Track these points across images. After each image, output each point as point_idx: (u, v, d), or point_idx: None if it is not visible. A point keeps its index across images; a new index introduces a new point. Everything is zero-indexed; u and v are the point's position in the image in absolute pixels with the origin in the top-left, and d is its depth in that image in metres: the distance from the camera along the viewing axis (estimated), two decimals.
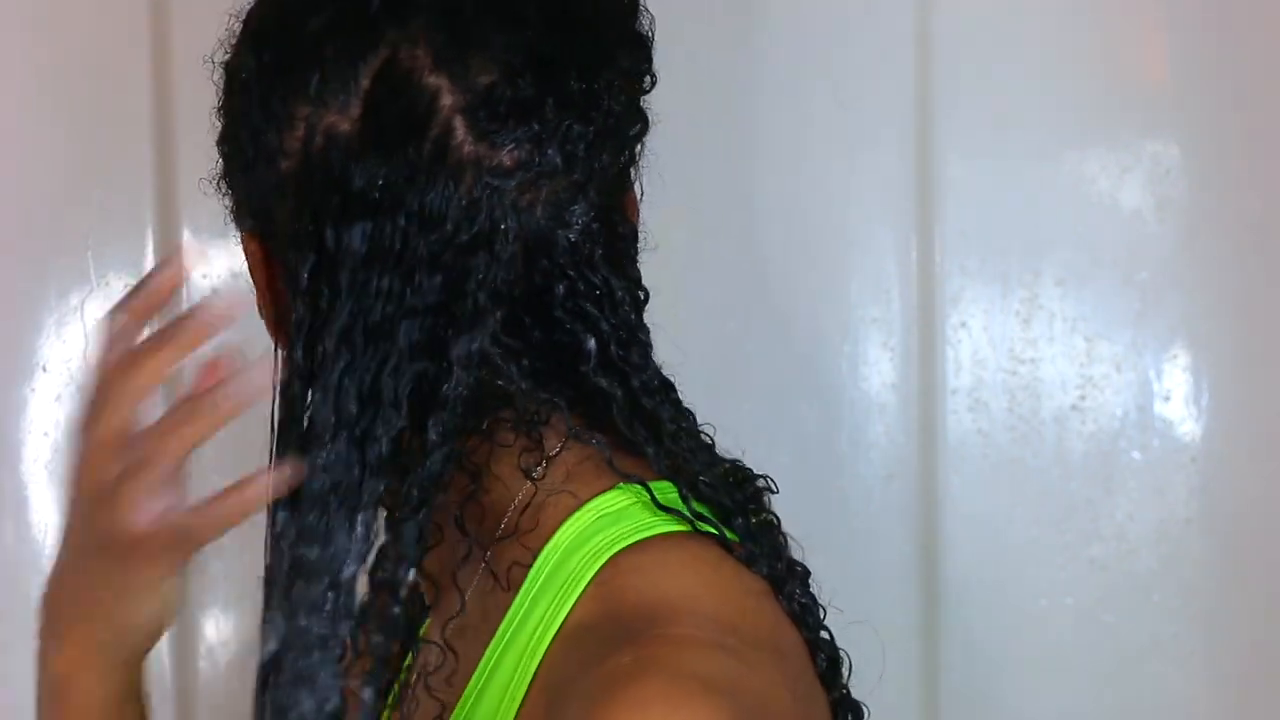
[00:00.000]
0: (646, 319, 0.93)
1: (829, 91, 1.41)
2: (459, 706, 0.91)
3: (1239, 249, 1.41)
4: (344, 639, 0.86)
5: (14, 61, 1.44)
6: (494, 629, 0.91)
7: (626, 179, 0.93)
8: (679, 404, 0.93)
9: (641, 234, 0.95)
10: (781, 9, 1.41)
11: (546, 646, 0.88)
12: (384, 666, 0.87)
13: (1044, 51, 1.41)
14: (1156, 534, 1.41)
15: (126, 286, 1.44)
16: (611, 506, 0.91)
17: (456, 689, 0.91)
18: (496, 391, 0.89)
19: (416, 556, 0.88)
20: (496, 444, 0.91)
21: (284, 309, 0.90)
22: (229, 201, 0.94)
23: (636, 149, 0.93)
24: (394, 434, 0.86)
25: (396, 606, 0.87)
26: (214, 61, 0.94)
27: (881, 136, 1.41)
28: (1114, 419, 1.41)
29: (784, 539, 0.96)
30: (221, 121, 0.93)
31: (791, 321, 1.43)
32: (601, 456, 0.91)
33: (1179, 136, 1.40)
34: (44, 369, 1.45)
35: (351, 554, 0.86)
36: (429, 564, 0.93)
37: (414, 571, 0.88)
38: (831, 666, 0.94)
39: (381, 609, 0.87)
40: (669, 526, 0.90)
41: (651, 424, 0.91)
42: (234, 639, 1.47)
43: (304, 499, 0.86)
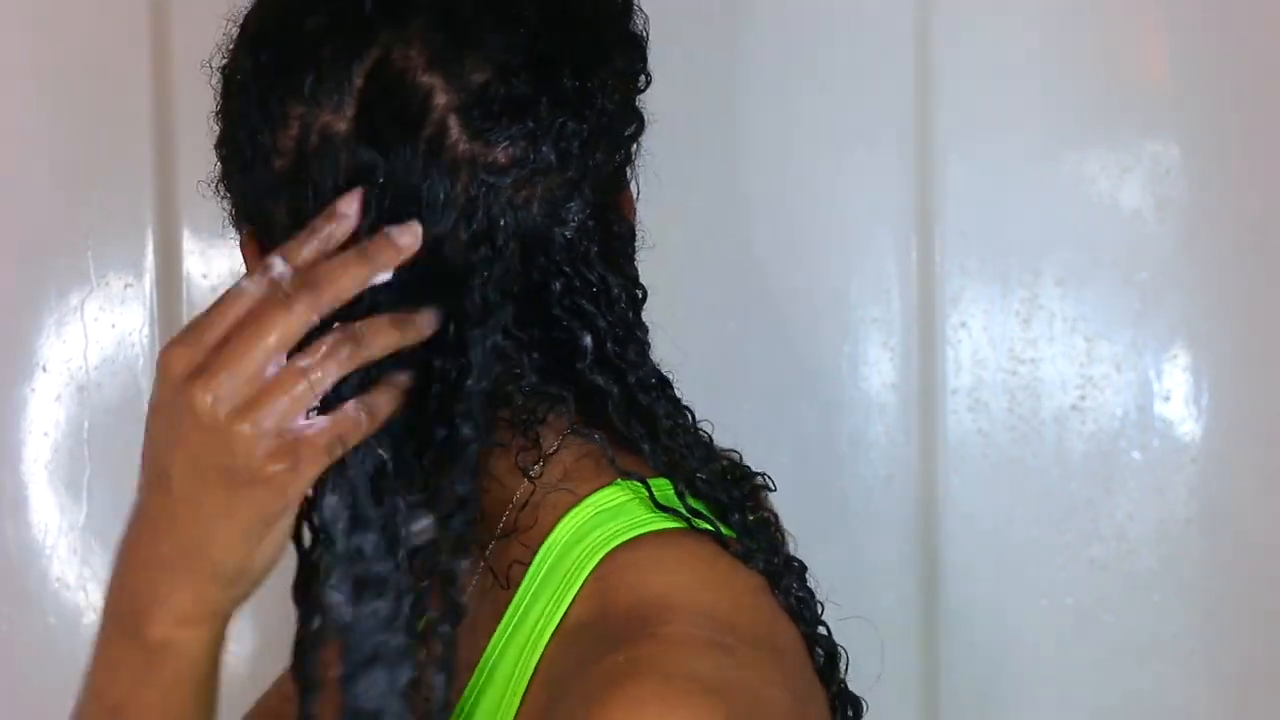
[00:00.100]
0: (646, 318, 0.94)
1: (829, 91, 1.41)
2: (460, 703, 0.91)
3: (1239, 249, 1.41)
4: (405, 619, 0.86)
5: (14, 61, 1.44)
6: (494, 626, 0.91)
7: (623, 178, 0.93)
8: (676, 400, 0.93)
9: (639, 233, 0.95)
10: (781, 9, 1.41)
11: (546, 643, 0.88)
12: (452, 653, 0.87)
13: (1044, 51, 1.41)
14: (1156, 534, 1.41)
15: (126, 286, 1.45)
16: (609, 502, 0.91)
17: (463, 682, 0.91)
18: (505, 386, 0.89)
19: (466, 548, 0.88)
20: (494, 443, 0.91)
21: None
22: (227, 204, 0.94)
23: (633, 148, 0.93)
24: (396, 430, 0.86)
25: (459, 596, 0.87)
26: (211, 66, 0.93)
27: (881, 136, 1.41)
28: (1114, 419, 1.41)
29: (781, 535, 0.96)
30: (219, 125, 0.93)
31: (791, 321, 1.43)
32: (600, 453, 0.91)
33: (1179, 136, 1.40)
34: (44, 369, 1.45)
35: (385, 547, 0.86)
36: None
37: (466, 562, 0.88)
38: (829, 661, 0.94)
39: (444, 598, 0.87)
40: (666, 523, 0.90)
41: (648, 420, 0.92)
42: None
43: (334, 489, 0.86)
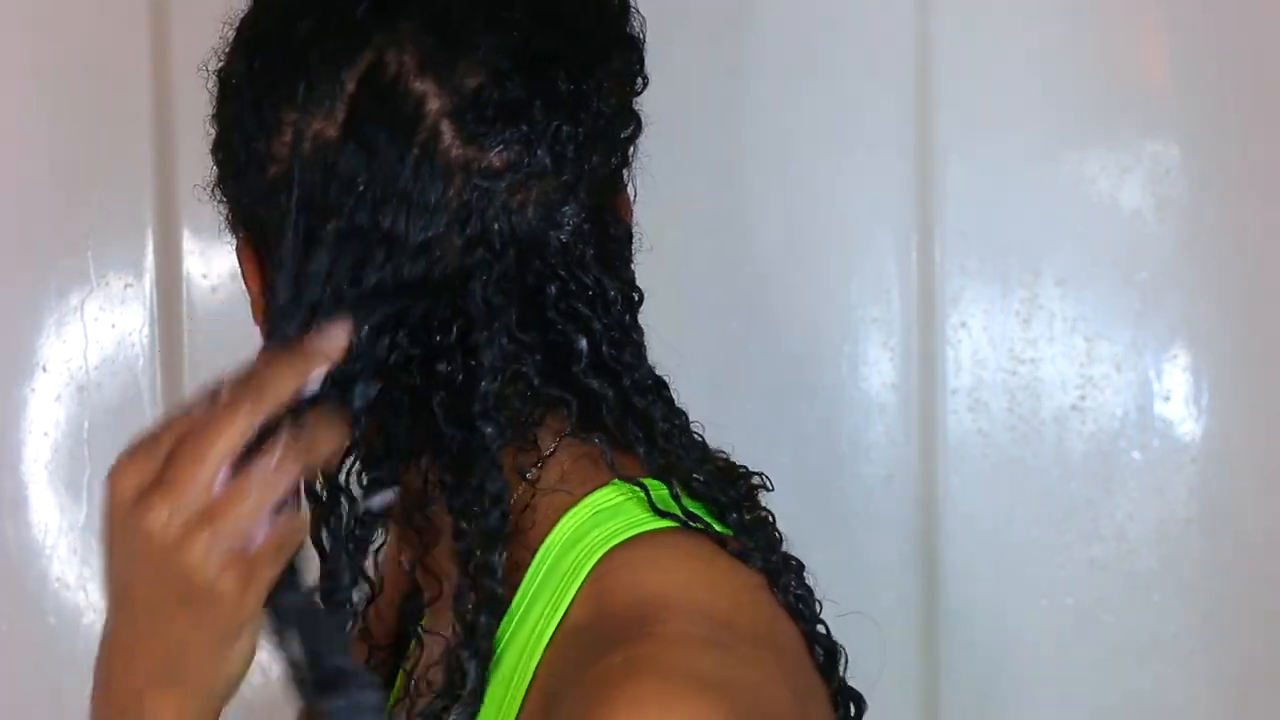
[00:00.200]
0: (645, 319, 0.93)
1: (829, 91, 1.41)
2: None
3: (1239, 249, 1.41)
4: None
5: (14, 61, 1.44)
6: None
7: (619, 180, 0.93)
8: (671, 402, 0.93)
9: (637, 235, 0.94)
10: (781, 9, 1.41)
11: (545, 645, 0.88)
12: (489, 642, 0.88)
13: (1044, 51, 1.41)
14: (1156, 534, 1.41)
15: (126, 286, 1.45)
16: (606, 503, 0.91)
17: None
18: (515, 385, 0.89)
19: (504, 544, 0.88)
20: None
21: None
22: (223, 209, 0.93)
23: (629, 150, 0.93)
24: (363, 414, 0.86)
25: (500, 588, 0.88)
26: (208, 70, 0.93)
27: (881, 137, 1.41)
28: (1114, 419, 1.41)
29: (779, 534, 0.96)
30: (215, 129, 0.92)
31: (791, 321, 1.43)
32: (597, 455, 0.91)
33: (1179, 136, 1.40)
34: (44, 369, 1.45)
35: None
36: (430, 562, 0.93)
37: (505, 555, 0.88)
38: (829, 658, 0.94)
39: (483, 589, 0.88)
40: (664, 522, 0.90)
41: (644, 423, 0.91)
42: None
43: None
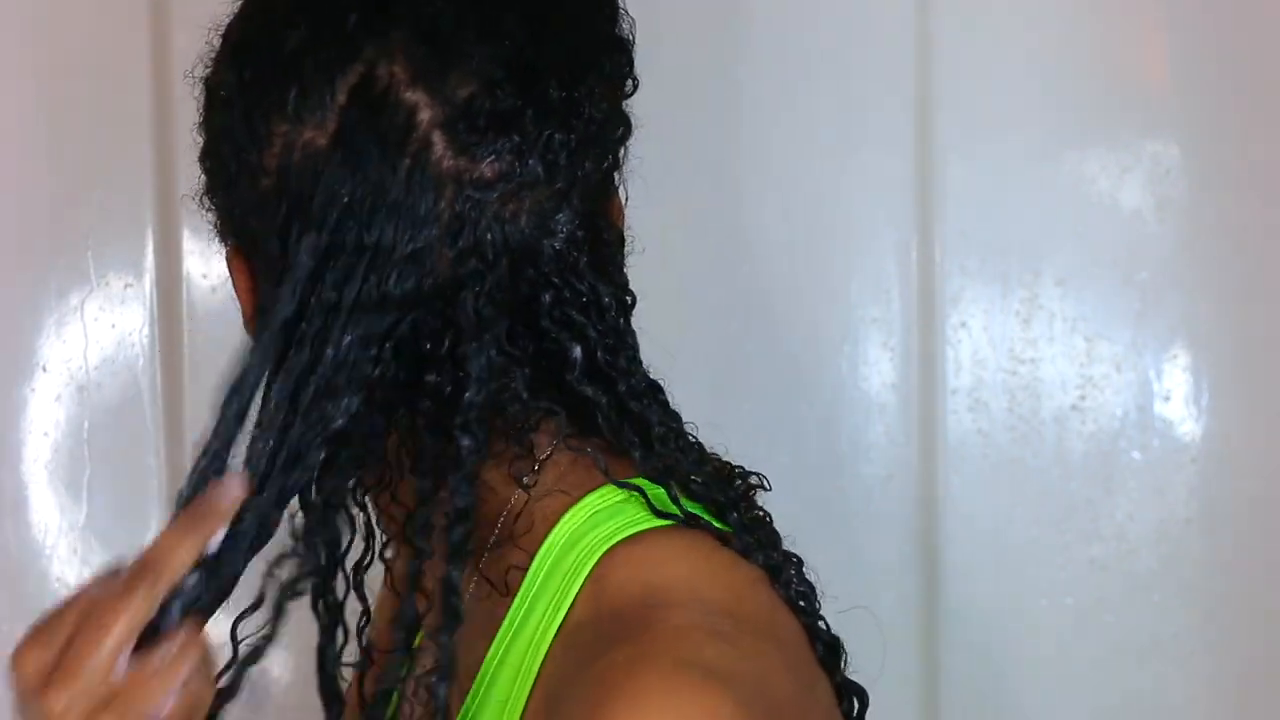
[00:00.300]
0: (645, 320, 0.93)
1: (829, 92, 1.41)
2: (462, 711, 0.91)
3: (1239, 249, 1.41)
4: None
5: (14, 61, 1.44)
6: (493, 634, 0.90)
7: (610, 184, 0.93)
8: (666, 406, 0.93)
9: (629, 237, 0.94)
10: (782, 9, 1.41)
11: (548, 646, 0.87)
12: (452, 661, 0.87)
13: (1044, 52, 1.41)
14: (1156, 534, 1.41)
15: (126, 286, 1.45)
16: (605, 503, 0.91)
17: (460, 693, 0.91)
18: (500, 399, 0.89)
19: (465, 556, 0.88)
20: (491, 454, 0.90)
21: None
22: (212, 217, 0.93)
23: (620, 153, 0.92)
24: (347, 431, 0.86)
25: (459, 603, 0.87)
26: (195, 77, 0.93)
27: (881, 136, 1.41)
28: (1114, 419, 1.41)
29: (777, 533, 0.96)
30: (203, 137, 0.92)
31: (791, 321, 1.43)
32: (592, 460, 0.91)
33: (1179, 136, 1.40)
34: (44, 369, 1.45)
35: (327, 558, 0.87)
36: (422, 579, 0.92)
37: (462, 572, 0.88)
38: (831, 652, 0.94)
39: (445, 606, 0.87)
40: (663, 520, 0.90)
41: (640, 428, 0.91)
42: None
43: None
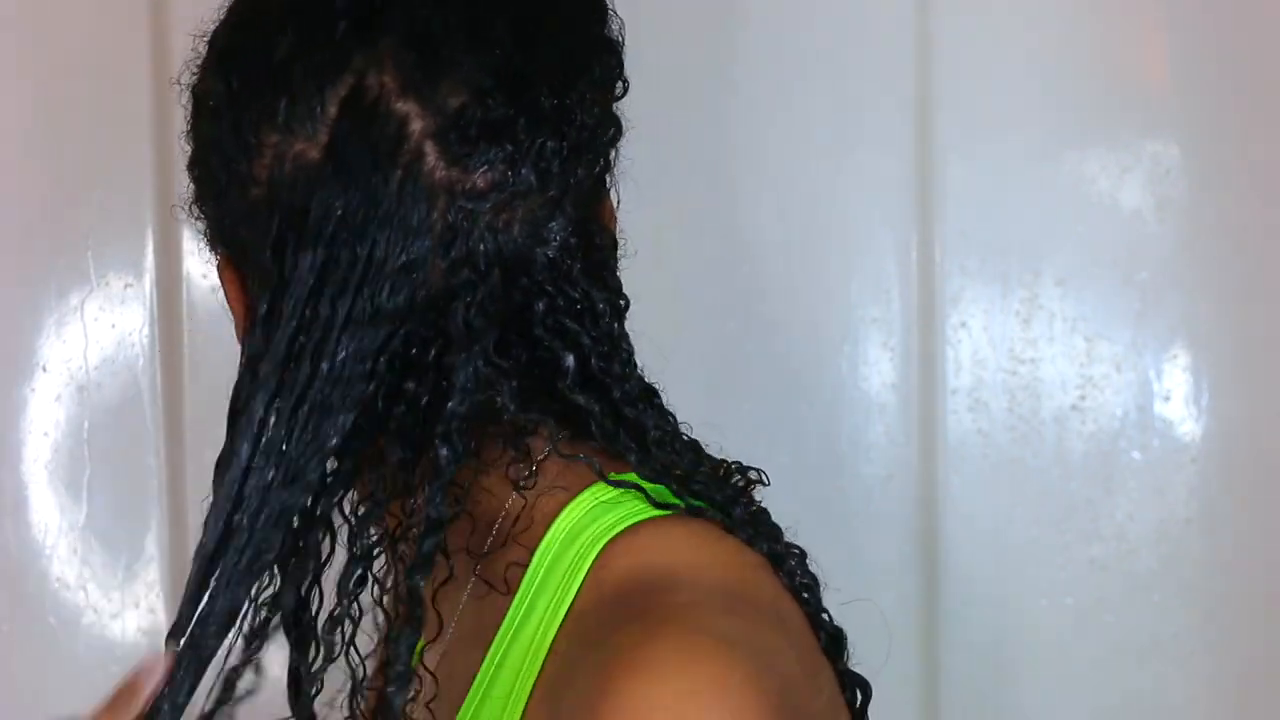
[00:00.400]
0: (645, 321, 0.93)
1: (829, 91, 1.41)
2: (463, 708, 0.90)
3: (1239, 249, 1.41)
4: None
5: (14, 61, 1.44)
6: (491, 635, 0.90)
7: (602, 188, 0.92)
8: (662, 409, 0.93)
9: (622, 240, 0.94)
10: (781, 9, 1.41)
11: (551, 641, 0.87)
12: (406, 667, 0.87)
13: (1044, 51, 1.41)
14: (1156, 534, 1.41)
15: (126, 286, 1.45)
16: (604, 497, 0.90)
17: (453, 704, 0.91)
18: (484, 409, 0.88)
19: (429, 567, 0.87)
20: (483, 460, 0.90)
21: None
22: (201, 225, 0.93)
23: (611, 156, 0.92)
24: (348, 450, 0.86)
25: (420, 610, 0.87)
26: (183, 85, 0.93)
27: (881, 136, 1.41)
28: (1114, 419, 1.41)
29: (778, 527, 0.95)
30: (191, 145, 0.92)
31: (791, 321, 1.43)
32: (588, 465, 0.91)
33: (1179, 136, 1.40)
34: (44, 369, 1.45)
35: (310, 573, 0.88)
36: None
37: (427, 581, 0.87)
38: (834, 643, 0.94)
39: (410, 615, 0.87)
40: (664, 511, 0.90)
41: (636, 432, 0.91)
42: None
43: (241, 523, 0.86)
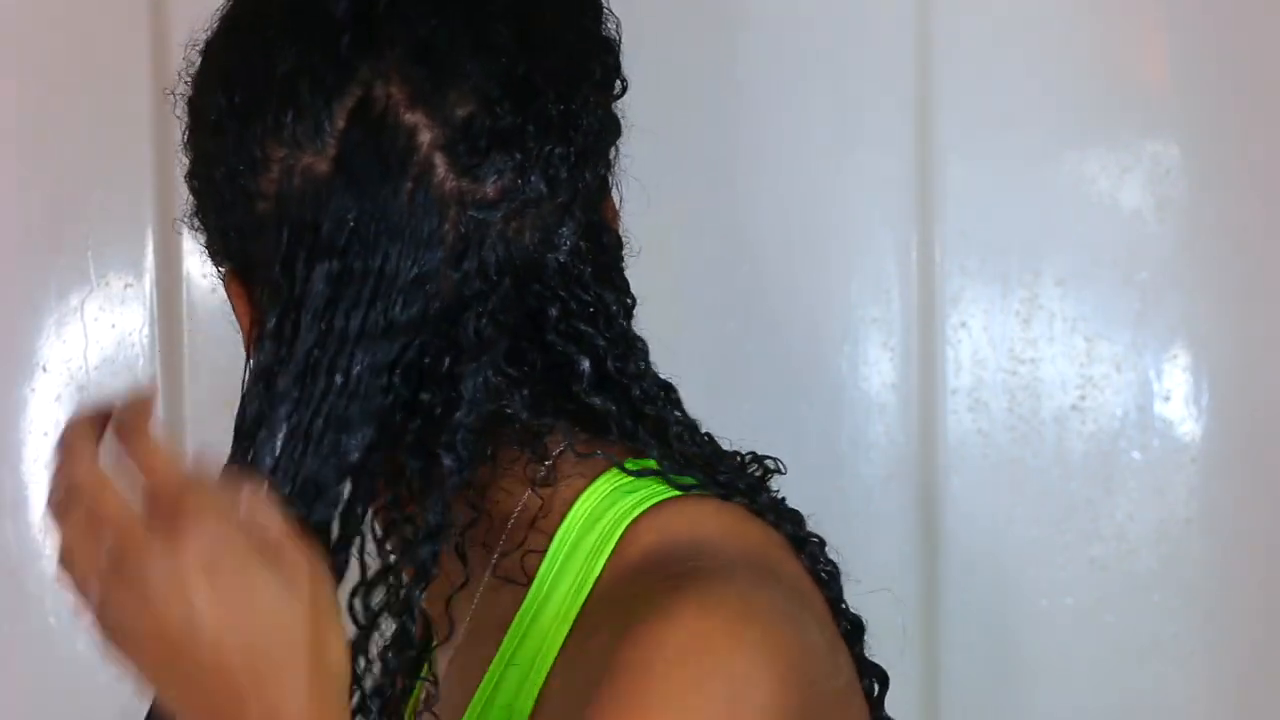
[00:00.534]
0: (644, 321, 0.93)
1: (829, 91, 1.41)
2: (477, 695, 0.89)
3: (1239, 249, 1.41)
4: None
5: (14, 61, 1.44)
6: (508, 624, 0.89)
7: (605, 186, 0.92)
8: (680, 405, 0.93)
9: (626, 239, 0.94)
10: (781, 9, 1.41)
11: (574, 620, 0.87)
12: (392, 684, 0.86)
13: (1044, 51, 1.41)
14: (1156, 534, 1.41)
15: (126, 286, 1.45)
16: (623, 480, 0.90)
17: (465, 696, 0.90)
18: (494, 418, 0.88)
19: (429, 578, 0.87)
20: (499, 461, 0.90)
21: None
22: (202, 236, 0.92)
23: (611, 155, 0.92)
24: (368, 464, 0.85)
25: (412, 624, 0.86)
26: (178, 95, 0.92)
27: (881, 136, 1.41)
28: (1114, 419, 1.41)
29: (800, 514, 0.95)
30: (189, 156, 0.91)
31: (791, 321, 1.43)
32: (606, 460, 0.91)
33: (1179, 136, 1.40)
34: (44, 369, 1.45)
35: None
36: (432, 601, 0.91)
37: (423, 591, 0.87)
38: (854, 630, 0.94)
39: (399, 625, 0.86)
40: (684, 492, 0.90)
41: (657, 428, 0.91)
42: None
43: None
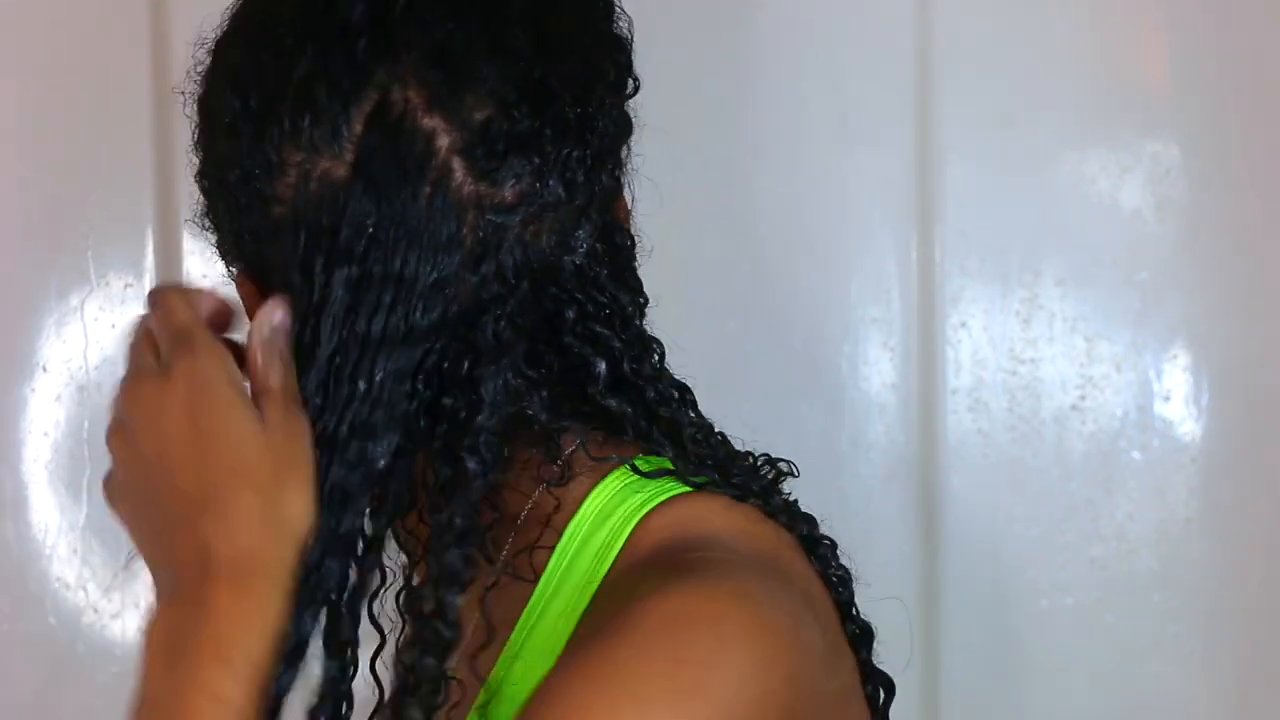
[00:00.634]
0: (647, 321, 0.93)
1: (829, 92, 1.41)
2: (477, 701, 0.90)
3: (1239, 249, 1.41)
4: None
5: (14, 61, 1.43)
6: (515, 620, 0.89)
7: (619, 186, 0.92)
8: (695, 406, 0.93)
9: (638, 238, 0.94)
10: (781, 9, 1.41)
11: (582, 613, 0.87)
12: (436, 690, 0.86)
13: (1044, 51, 1.41)
14: (1156, 534, 1.41)
15: (126, 286, 1.45)
16: (633, 477, 0.90)
17: (471, 693, 0.90)
18: (515, 420, 0.88)
19: (462, 581, 0.86)
20: (514, 462, 0.90)
21: None
22: (213, 236, 0.92)
23: (624, 154, 0.92)
24: (395, 470, 0.85)
25: (449, 631, 0.86)
26: (187, 94, 0.92)
27: (881, 136, 1.41)
28: (1114, 419, 1.41)
29: (813, 517, 0.96)
30: (200, 156, 0.91)
31: (791, 321, 1.43)
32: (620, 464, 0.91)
33: (1179, 136, 1.40)
34: (44, 369, 1.45)
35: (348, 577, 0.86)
36: None
37: (458, 596, 0.86)
38: (863, 635, 0.94)
39: (434, 631, 0.86)
40: (694, 489, 0.90)
41: (671, 430, 0.91)
42: None
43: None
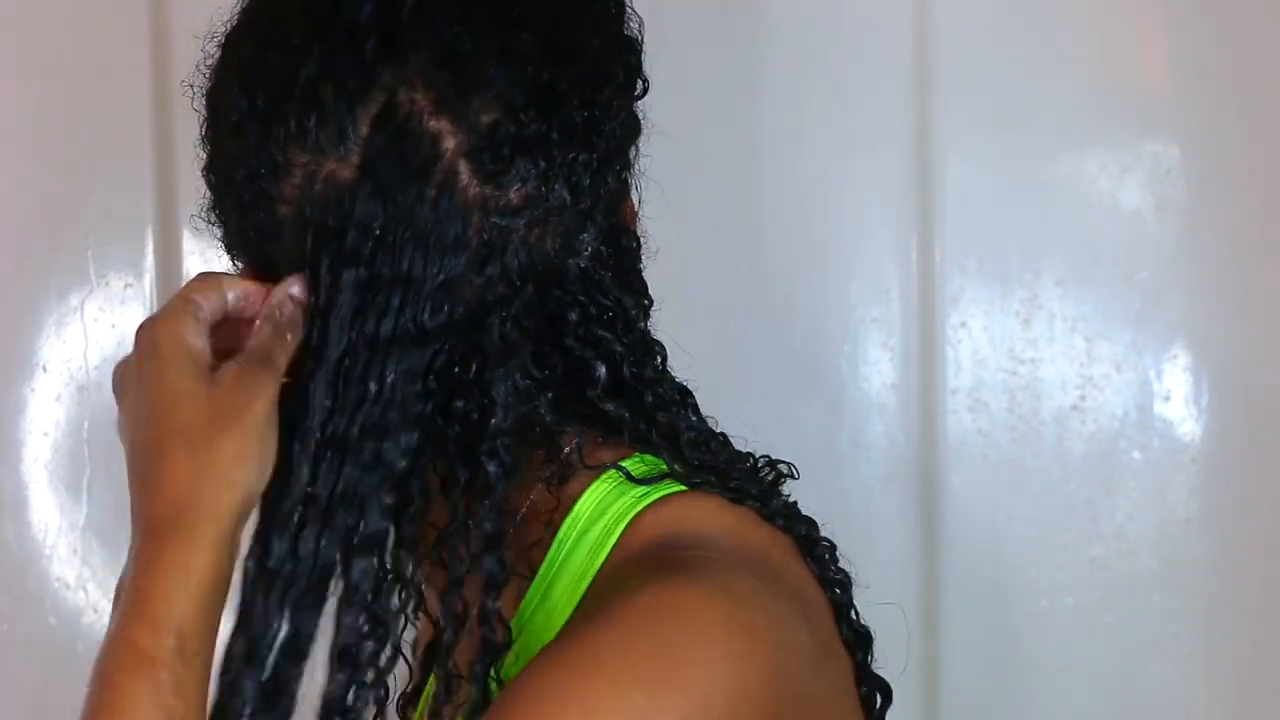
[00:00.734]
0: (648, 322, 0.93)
1: (829, 92, 1.41)
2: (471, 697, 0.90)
3: (1239, 249, 1.41)
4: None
5: (14, 61, 1.43)
6: (510, 616, 0.90)
7: (625, 187, 0.93)
8: (696, 409, 0.93)
9: (643, 240, 0.94)
10: (782, 9, 1.41)
11: (573, 610, 0.87)
12: (486, 693, 0.87)
13: (1044, 51, 1.41)
14: (1156, 534, 1.41)
15: (127, 286, 1.45)
16: (633, 472, 0.90)
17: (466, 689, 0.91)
18: (526, 421, 0.88)
19: (500, 585, 0.87)
20: (521, 462, 0.90)
21: None
22: (220, 233, 0.92)
23: (631, 155, 0.92)
24: (415, 470, 0.86)
25: (493, 635, 0.87)
26: (194, 87, 0.92)
27: (881, 136, 1.41)
28: (1114, 419, 1.41)
29: (813, 520, 0.96)
30: (207, 151, 0.91)
31: (791, 321, 1.43)
32: (616, 471, 0.91)
33: (1179, 136, 1.40)
34: (44, 369, 1.45)
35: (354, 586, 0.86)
36: (453, 601, 0.90)
37: (499, 600, 0.87)
38: (859, 640, 0.94)
39: (486, 641, 0.87)
40: (689, 487, 0.90)
41: (669, 435, 0.91)
42: None
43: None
